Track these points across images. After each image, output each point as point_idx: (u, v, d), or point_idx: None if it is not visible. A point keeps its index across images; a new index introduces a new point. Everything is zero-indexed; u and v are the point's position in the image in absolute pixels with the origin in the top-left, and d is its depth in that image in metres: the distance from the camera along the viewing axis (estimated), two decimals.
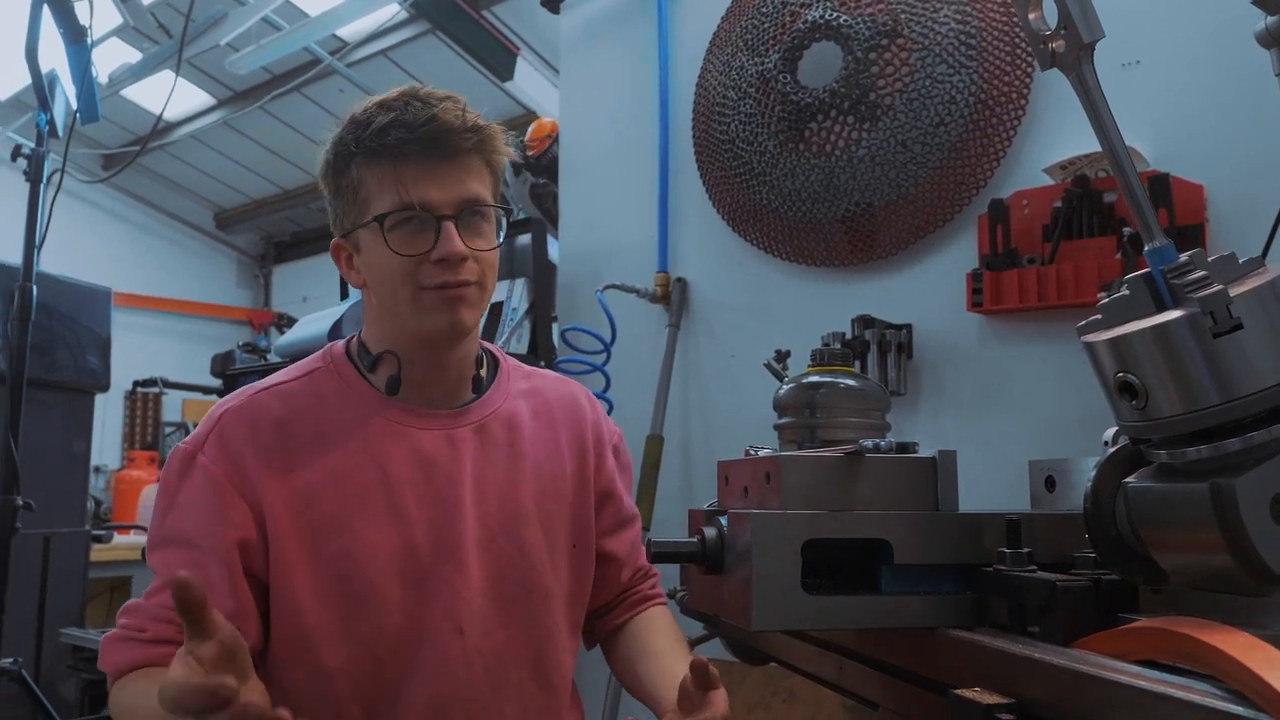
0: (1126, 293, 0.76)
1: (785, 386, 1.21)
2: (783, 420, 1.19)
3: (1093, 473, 0.82)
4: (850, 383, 1.18)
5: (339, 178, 1.23)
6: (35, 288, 2.52)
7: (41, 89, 2.56)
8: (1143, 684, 0.63)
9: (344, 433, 1.22)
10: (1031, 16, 0.82)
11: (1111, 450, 0.83)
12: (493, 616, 1.23)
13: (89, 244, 9.33)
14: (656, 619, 1.41)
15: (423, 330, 1.21)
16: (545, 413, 1.37)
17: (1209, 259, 0.73)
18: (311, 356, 1.32)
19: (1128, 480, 0.79)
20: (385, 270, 1.20)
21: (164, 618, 1.13)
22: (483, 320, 1.32)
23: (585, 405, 1.43)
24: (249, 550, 1.16)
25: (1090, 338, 0.77)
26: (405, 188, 1.17)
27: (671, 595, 1.43)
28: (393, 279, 1.19)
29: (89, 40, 2.66)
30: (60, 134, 2.66)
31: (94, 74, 2.71)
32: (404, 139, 1.16)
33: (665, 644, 1.34)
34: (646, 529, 2.16)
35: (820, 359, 1.20)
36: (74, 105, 2.68)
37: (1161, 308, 0.74)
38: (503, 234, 1.26)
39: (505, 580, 1.25)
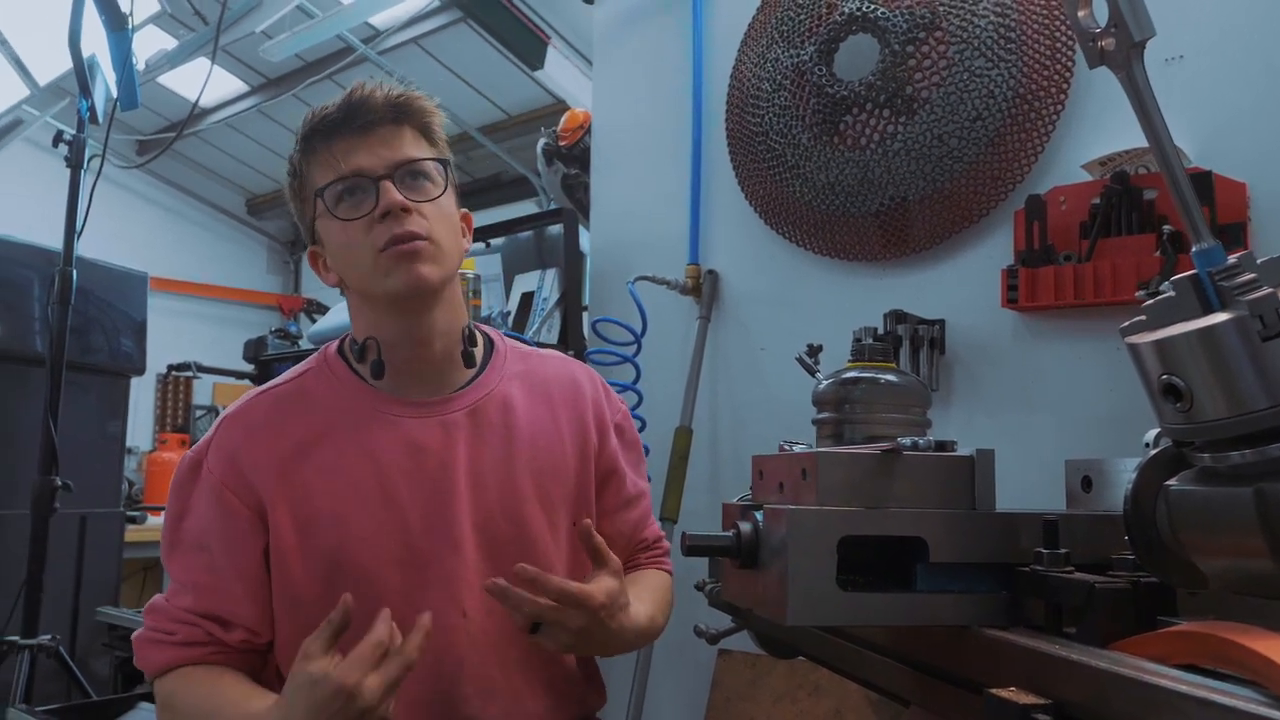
0: (1172, 294, 0.76)
1: (825, 381, 1.20)
2: (821, 415, 1.18)
3: (1134, 474, 0.81)
4: (891, 379, 1.17)
5: (293, 182, 1.30)
6: (75, 272, 2.56)
7: (83, 76, 2.59)
8: (1184, 688, 0.62)
9: (336, 428, 1.26)
10: (1081, 14, 0.81)
11: (1153, 452, 0.82)
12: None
13: (124, 228, 9.41)
14: (642, 576, 1.43)
15: (387, 294, 1.22)
16: (542, 392, 1.37)
17: (1258, 261, 0.72)
18: (308, 359, 1.36)
19: (1169, 483, 0.78)
20: (343, 246, 1.24)
21: (188, 620, 1.20)
22: (463, 290, 1.35)
23: (585, 384, 1.43)
24: (264, 555, 1.22)
25: (1134, 339, 0.77)
26: (338, 161, 1.22)
27: (700, 588, 1.43)
28: (350, 251, 1.23)
29: (130, 28, 2.68)
30: (100, 120, 2.69)
31: (134, 61, 2.73)
32: (328, 119, 1.24)
33: (635, 585, 1.35)
34: (674, 521, 2.16)
35: (860, 354, 1.19)
36: (114, 93, 2.71)
37: (1208, 310, 0.73)
38: (448, 187, 1.28)
39: (504, 559, 1.25)
